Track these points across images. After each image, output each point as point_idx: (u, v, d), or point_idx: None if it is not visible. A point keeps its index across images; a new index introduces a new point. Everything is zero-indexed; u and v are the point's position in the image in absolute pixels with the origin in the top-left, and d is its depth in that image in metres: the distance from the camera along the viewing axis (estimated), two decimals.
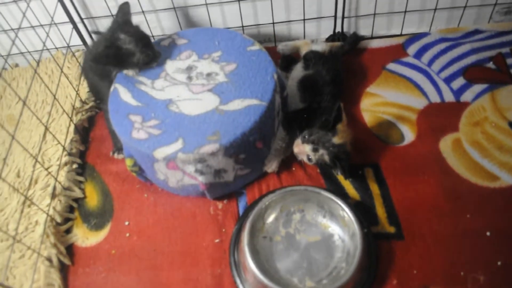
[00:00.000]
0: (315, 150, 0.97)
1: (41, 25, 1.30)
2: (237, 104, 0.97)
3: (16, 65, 1.50)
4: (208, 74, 1.05)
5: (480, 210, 0.98)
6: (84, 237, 1.05)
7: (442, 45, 1.33)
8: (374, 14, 1.32)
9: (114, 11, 1.30)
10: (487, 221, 0.96)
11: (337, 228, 0.95)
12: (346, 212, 0.93)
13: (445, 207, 0.99)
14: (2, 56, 1.43)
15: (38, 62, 1.15)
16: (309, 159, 1.00)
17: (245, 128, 0.93)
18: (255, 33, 1.40)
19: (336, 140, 0.97)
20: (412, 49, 1.34)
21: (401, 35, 1.38)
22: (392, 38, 1.38)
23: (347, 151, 0.99)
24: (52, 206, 1.06)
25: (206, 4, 1.30)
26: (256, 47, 1.10)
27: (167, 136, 0.94)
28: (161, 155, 0.91)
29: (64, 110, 1.22)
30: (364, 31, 1.40)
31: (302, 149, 0.99)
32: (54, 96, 1.12)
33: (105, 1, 1.29)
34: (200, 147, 0.91)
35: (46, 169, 1.09)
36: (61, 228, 1.05)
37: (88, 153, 1.21)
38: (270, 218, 0.98)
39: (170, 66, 1.09)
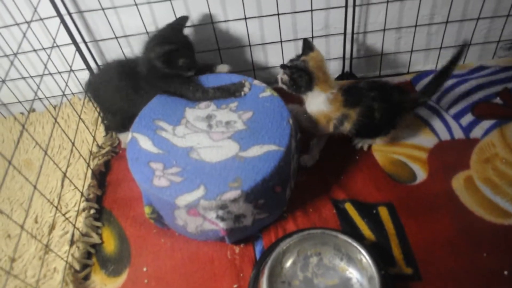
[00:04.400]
0: (283, 66, 1.13)
1: (59, 72, 1.34)
2: (256, 150, 1.00)
3: (33, 110, 1.53)
4: (227, 122, 1.08)
5: (496, 248, 0.98)
6: (102, 283, 1.05)
7: (449, 82, 1.36)
8: (381, 54, 1.36)
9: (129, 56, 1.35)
10: (503, 260, 0.96)
11: (354, 272, 0.95)
12: (363, 255, 0.93)
13: (461, 246, 0.99)
14: (21, 102, 1.47)
15: (58, 111, 1.18)
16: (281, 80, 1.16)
17: (265, 174, 0.95)
18: (266, 74, 1.44)
19: (302, 58, 1.13)
20: (420, 85, 1.36)
21: (408, 73, 1.41)
22: (400, 75, 1.41)
23: (304, 66, 1.12)
24: (70, 253, 1.07)
25: (219, 49, 1.35)
26: (268, 93, 1.13)
27: (189, 183, 0.95)
28: (183, 202, 0.92)
29: (81, 155, 1.24)
30: (371, 71, 1.43)
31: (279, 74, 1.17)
32: (73, 143, 1.15)
33: (121, 48, 1.34)
34: (222, 194, 0.92)
35: (67, 218, 1.10)
36: (80, 275, 1.06)
37: (105, 198, 1.23)
38: (288, 263, 0.98)
39: (190, 113, 1.12)
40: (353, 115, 1.12)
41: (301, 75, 1.11)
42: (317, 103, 1.13)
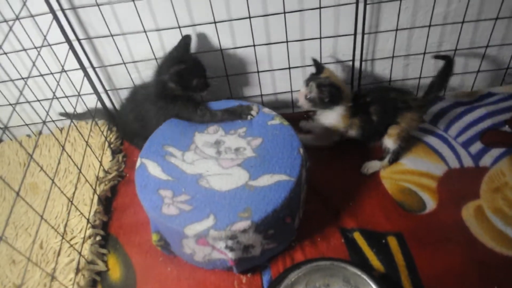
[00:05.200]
0: (306, 84, 1.19)
1: (66, 97, 1.34)
2: (266, 180, 0.99)
3: (40, 133, 1.53)
4: (237, 149, 1.07)
5: (507, 281, 0.97)
6: None
7: (458, 110, 1.35)
8: (390, 80, 1.36)
9: (137, 83, 1.36)
10: None
11: None
12: None
13: (471, 279, 0.98)
14: (27, 125, 1.47)
15: (66, 136, 1.18)
16: (306, 98, 1.19)
17: (276, 205, 0.93)
18: (273, 100, 1.44)
19: (322, 75, 1.20)
20: (428, 115, 1.35)
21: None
22: None
23: (332, 81, 1.18)
24: (76, 281, 1.06)
25: (227, 75, 1.35)
26: (277, 121, 1.13)
27: (198, 212, 0.94)
28: (192, 232, 0.91)
29: (87, 181, 1.23)
30: None
31: (301, 92, 1.21)
32: (80, 170, 1.14)
33: (129, 74, 1.34)
34: (232, 224, 0.91)
35: (72, 246, 1.09)
36: None
37: (111, 223, 1.22)
38: None
39: (199, 138, 1.12)
40: (356, 122, 1.21)
41: (331, 90, 1.16)
42: (333, 117, 1.21)
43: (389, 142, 1.21)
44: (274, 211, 0.93)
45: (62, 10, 1.18)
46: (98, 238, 1.16)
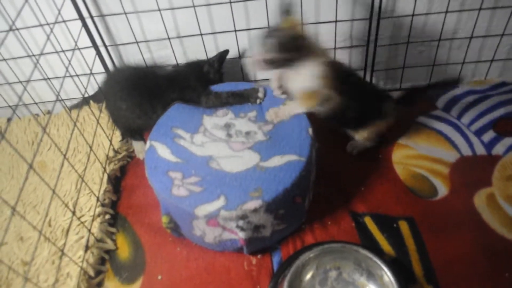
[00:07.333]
0: (258, 46, 0.98)
1: (77, 75, 1.33)
2: (277, 161, 0.98)
3: (48, 112, 1.53)
4: (247, 133, 1.06)
5: None
6: None
7: (471, 98, 1.35)
8: (403, 67, 1.35)
9: (149, 62, 1.35)
10: None
11: None
12: (385, 272, 0.92)
13: (483, 265, 0.97)
14: (37, 103, 1.46)
15: (77, 115, 1.17)
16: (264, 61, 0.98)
17: (286, 184, 0.93)
18: None
19: (279, 26, 0.98)
20: (441, 102, 1.35)
21: (428, 87, 1.39)
22: None
23: (282, 32, 0.97)
24: (85, 259, 1.06)
25: (240, 57, 1.34)
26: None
27: (209, 193, 0.94)
28: (203, 212, 0.91)
29: (97, 158, 1.23)
30: (392, 84, 1.42)
31: (255, 57, 0.98)
32: (91, 147, 1.14)
33: (141, 53, 1.33)
34: (243, 204, 0.90)
35: (82, 223, 1.09)
36: (93, 282, 1.04)
37: (120, 203, 1.21)
38: (307, 276, 0.96)
39: (208, 121, 1.11)
40: (336, 99, 1.04)
41: (281, 42, 0.95)
42: (307, 76, 1.01)
43: (360, 140, 1.20)
44: (285, 190, 0.93)
45: None
46: (107, 216, 1.15)
